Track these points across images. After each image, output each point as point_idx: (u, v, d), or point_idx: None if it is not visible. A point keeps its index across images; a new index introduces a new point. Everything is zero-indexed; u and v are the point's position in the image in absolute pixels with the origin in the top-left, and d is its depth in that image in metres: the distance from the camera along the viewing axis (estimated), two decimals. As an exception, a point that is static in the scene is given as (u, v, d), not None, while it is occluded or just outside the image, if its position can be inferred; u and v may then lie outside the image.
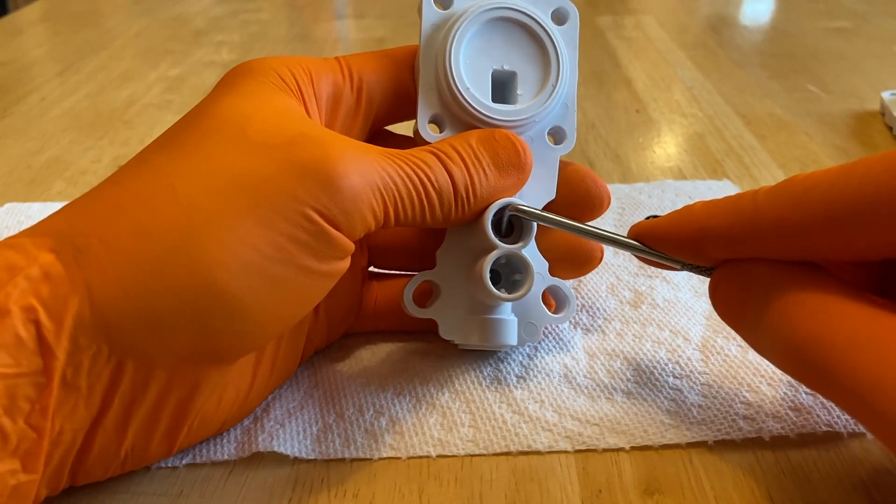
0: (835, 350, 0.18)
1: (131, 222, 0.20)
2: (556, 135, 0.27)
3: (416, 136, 0.27)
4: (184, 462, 0.24)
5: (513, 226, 0.26)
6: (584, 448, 0.24)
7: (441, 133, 0.26)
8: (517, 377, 0.27)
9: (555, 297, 0.28)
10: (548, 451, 0.24)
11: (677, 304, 0.31)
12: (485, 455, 0.24)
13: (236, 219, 0.20)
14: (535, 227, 0.26)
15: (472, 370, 0.27)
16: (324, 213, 0.21)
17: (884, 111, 0.49)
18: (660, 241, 0.23)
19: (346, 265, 0.23)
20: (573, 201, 0.28)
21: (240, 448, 0.24)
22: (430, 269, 0.27)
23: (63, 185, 0.44)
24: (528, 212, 0.25)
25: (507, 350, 0.28)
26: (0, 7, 1.49)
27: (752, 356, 0.27)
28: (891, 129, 0.47)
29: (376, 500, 0.23)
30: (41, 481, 0.20)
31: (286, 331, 0.25)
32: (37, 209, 0.40)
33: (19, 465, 0.19)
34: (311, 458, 0.24)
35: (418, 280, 0.27)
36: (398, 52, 0.28)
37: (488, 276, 0.25)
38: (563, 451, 0.24)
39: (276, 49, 0.70)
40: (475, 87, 0.26)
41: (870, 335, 0.17)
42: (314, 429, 0.25)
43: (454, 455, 0.24)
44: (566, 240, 0.28)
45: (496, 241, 0.25)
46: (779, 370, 0.26)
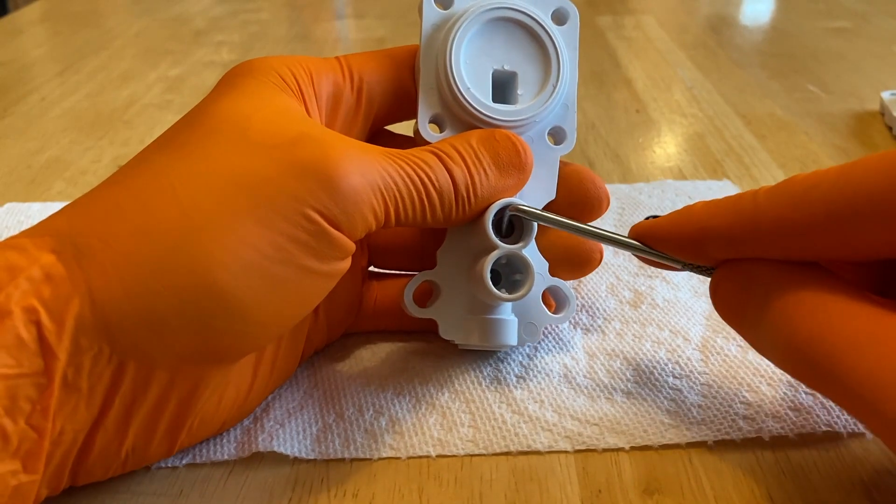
0: (835, 349, 0.18)
1: (132, 222, 0.20)
2: (556, 135, 0.27)
3: (417, 136, 0.27)
4: (184, 462, 0.24)
5: (513, 226, 0.26)
6: (584, 448, 0.24)
7: (441, 133, 0.26)
8: (517, 377, 0.27)
9: (555, 298, 0.28)
10: (548, 451, 0.24)
11: (677, 304, 0.31)
12: (485, 455, 0.24)
13: (237, 219, 0.20)
14: (535, 227, 0.26)
15: (471, 370, 0.27)
16: (324, 214, 0.21)
17: (884, 111, 0.49)
18: (660, 241, 0.23)
19: (346, 265, 0.23)
20: (572, 202, 0.28)
21: (240, 448, 0.24)
22: (430, 268, 0.27)
23: (63, 185, 0.44)
24: (529, 212, 0.25)
25: (506, 350, 0.28)
26: (0, 7, 1.49)
27: (751, 356, 0.27)
28: (891, 129, 0.47)
29: (376, 500, 0.23)
30: (42, 481, 0.20)
31: (287, 331, 0.25)
32: (37, 209, 0.40)
33: (20, 466, 0.19)
34: (310, 458, 0.24)
35: (418, 280, 0.27)
36: (398, 51, 0.28)
37: (489, 276, 0.25)
38: (563, 451, 0.24)
39: (276, 49, 0.70)
40: (476, 87, 0.26)
41: (870, 334, 0.17)
42: (314, 429, 0.25)
43: (454, 455, 0.24)
44: (565, 241, 0.28)
45: (497, 241, 0.25)
46: (779, 370, 0.26)
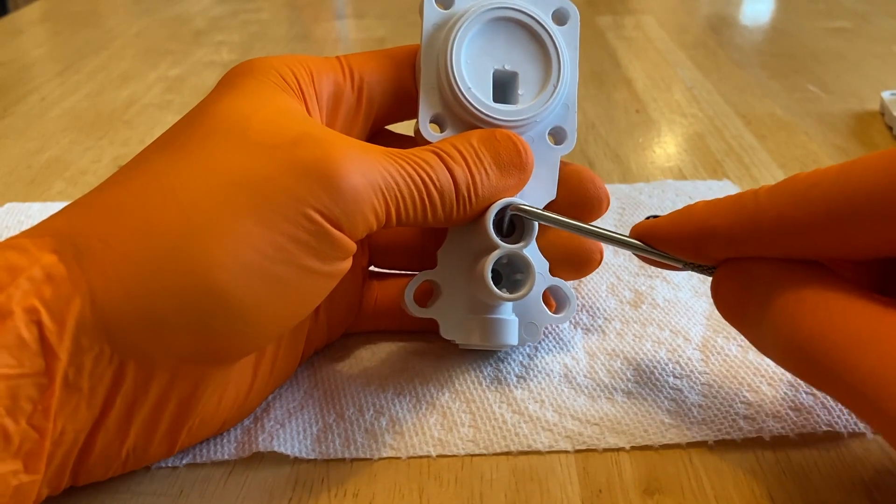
0: (837, 347, 0.18)
1: (132, 223, 0.20)
2: (556, 135, 0.27)
3: (417, 136, 0.27)
4: (184, 462, 0.24)
5: (514, 225, 0.26)
6: (585, 448, 0.24)
7: (442, 133, 0.26)
8: (517, 377, 0.27)
9: (555, 297, 0.28)
10: (548, 451, 0.24)
11: (677, 304, 0.31)
12: (485, 455, 0.24)
13: (237, 219, 0.20)
14: (536, 226, 0.26)
15: (472, 370, 0.27)
16: (325, 214, 0.21)
17: (884, 111, 0.49)
18: (661, 240, 0.23)
19: (347, 265, 0.23)
20: (572, 202, 0.27)
21: (240, 448, 0.24)
22: (430, 268, 0.27)
23: (63, 185, 0.44)
24: (530, 211, 0.25)
25: (507, 350, 0.28)
26: (0, 7, 1.49)
27: (752, 356, 0.27)
28: (891, 129, 0.47)
29: (376, 500, 0.23)
30: (43, 481, 0.20)
31: (287, 331, 0.25)
32: (37, 209, 0.40)
33: (21, 466, 0.19)
34: (311, 458, 0.24)
35: (419, 280, 0.27)
36: (399, 51, 0.28)
37: (490, 276, 0.25)
38: (564, 451, 0.24)
39: (276, 49, 0.70)
40: (476, 87, 0.26)
41: (872, 332, 0.17)
42: (314, 429, 0.25)
43: (454, 455, 0.24)
44: (565, 241, 0.28)
45: (498, 240, 0.25)
46: (779, 370, 0.26)
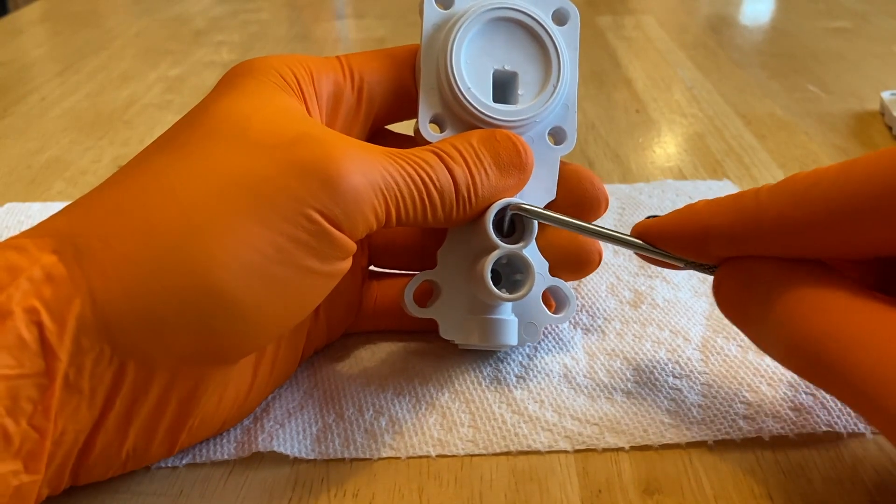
0: (838, 346, 0.18)
1: (132, 223, 0.20)
2: (556, 135, 0.27)
3: (417, 136, 0.27)
4: (184, 462, 0.24)
5: (514, 226, 0.26)
6: (584, 448, 0.24)
7: (442, 133, 0.26)
8: (517, 377, 0.27)
9: (555, 298, 0.28)
10: (547, 451, 0.24)
11: (677, 304, 0.31)
12: (484, 455, 0.24)
13: (237, 219, 0.20)
14: (535, 227, 0.26)
15: (471, 370, 0.27)
16: (325, 214, 0.21)
17: (884, 111, 0.49)
18: (663, 239, 0.23)
19: (347, 265, 0.23)
20: (571, 203, 0.27)
21: (240, 448, 0.24)
22: (430, 268, 0.27)
23: (63, 185, 0.44)
24: (531, 210, 0.25)
25: (506, 350, 0.28)
26: (0, 7, 1.49)
27: (752, 356, 0.27)
28: (891, 129, 0.47)
29: (376, 500, 0.23)
30: (43, 481, 0.20)
31: (287, 331, 0.25)
32: (37, 209, 0.40)
33: (21, 466, 0.19)
34: (310, 458, 0.24)
35: (419, 280, 0.27)
36: (399, 51, 0.28)
37: (489, 276, 0.25)
38: (563, 451, 0.24)
39: (276, 49, 0.70)
40: (476, 87, 0.26)
41: (873, 331, 0.17)
42: (314, 429, 0.25)
43: (454, 455, 0.24)
44: (565, 242, 0.27)
45: (497, 240, 0.25)
46: (779, 370, 0.26)
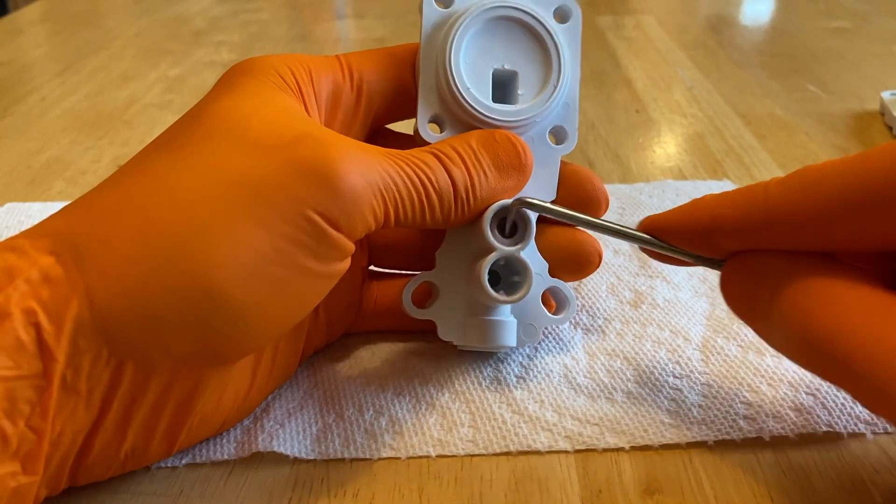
0: (850, 341, 0.17)
1: (130, 224, 0.20)
2: (557, 134, 0.27)
3: (416, 136, 0.27)
4: (184, 462, 0.24)
5: (515, 227, 0.26)
6: (584, 448, 0.24)
7: (441, 133, 0.26)
8: (517, 377, 0.27)
9: (555, 298, 0.28)
10: (547, 451, 0.24)
11: (677, 304, 0.31)
12: (484, 455, 0.24)
13: (236, 220, 0.20)
14: (533, 228, 0.26)
15: (471, 370, 0.27)
16: (324, 214, 0.21)
17: (884, 111, 0.49)
18: (670, 232, 0.23)
19: (346, 266, 0.23)
20: (571, 203, 0.27)
21: (240, 448, 0.24)
22: (430, 269, 0.27)
23: (63, 185, 0.44)
24: (537, 205, 0.25)
25: (506, 350, 0.28)
26: (0, 7, 1.49)
27: (752, 356, 0.27)
28: (891, 129, 0.47)
29: (376, 500, 0.23)
30: (41, 482, 0.20)
31: (286, 332, 0.25)
32: (37, 209, 0.40)
33: (19, 468, 0.19)
34: (310, 458, 0.24)
35: (418, 281, 0.27)
36: (398, 50, 0.28)
37: (486, 278, 0.25)
38: (563, 451, 0.24)
39: (276, 49, 0.70)
40: (476, 87, 0.26)
41: (885, 326, 0.17)
42: (314, 429, 0.25)
43: (454, 455, 0.24)
44: (564, 242, 0.27)
45: (495, 242, 0.25)
46: (779, 370, 0.26)
